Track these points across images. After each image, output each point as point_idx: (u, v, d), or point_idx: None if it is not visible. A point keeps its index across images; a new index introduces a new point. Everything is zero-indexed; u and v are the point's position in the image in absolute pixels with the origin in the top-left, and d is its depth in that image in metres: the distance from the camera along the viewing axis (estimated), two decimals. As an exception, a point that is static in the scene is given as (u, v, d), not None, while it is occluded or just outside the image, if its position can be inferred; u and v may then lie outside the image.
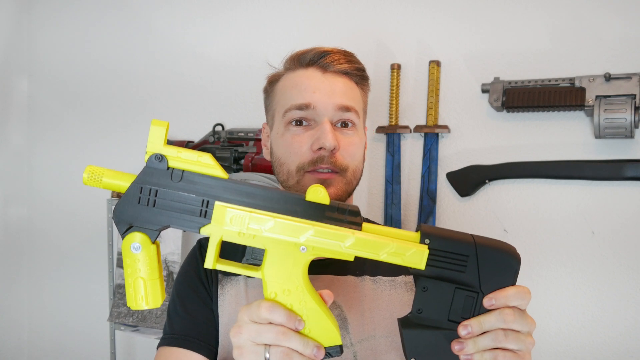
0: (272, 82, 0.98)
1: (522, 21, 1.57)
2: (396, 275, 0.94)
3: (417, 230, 0.67)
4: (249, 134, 1.83)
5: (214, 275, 0.94)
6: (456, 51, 1.64)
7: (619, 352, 1.46)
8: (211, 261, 0.65)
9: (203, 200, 0.64)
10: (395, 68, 1.67)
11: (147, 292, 0.63)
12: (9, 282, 2.32)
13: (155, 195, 0.64)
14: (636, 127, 1.39)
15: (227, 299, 0.92)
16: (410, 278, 0.94)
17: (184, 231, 1.91)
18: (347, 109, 0.90)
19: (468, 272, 0.64)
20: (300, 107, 0.89)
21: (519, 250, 0.68)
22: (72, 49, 2.26)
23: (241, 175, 1.74)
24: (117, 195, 1.95)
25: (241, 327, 0.64)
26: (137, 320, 1.93)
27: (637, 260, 1.45)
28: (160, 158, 0.64)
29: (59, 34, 2.29)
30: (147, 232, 0.63)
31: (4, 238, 2.31)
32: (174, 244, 1.89)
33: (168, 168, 0.64)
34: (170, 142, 1.91)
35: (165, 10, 2.08)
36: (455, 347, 0.64)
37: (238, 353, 0.64)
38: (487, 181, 1.57)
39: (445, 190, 1.64)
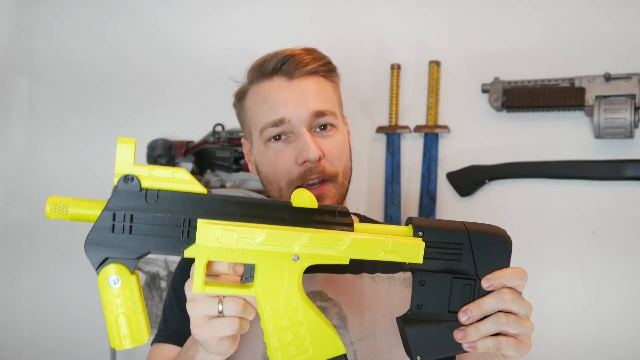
0: (240, 97, 0.97)
1: (522, 21, 1.57)
2: (395, 272, 0.94)
3: (406, 224, 0.66)
4: (249, 134, 1.83)
5: None
6: (456, 51, 1.64)
7: (619, 353, 1.46)
8: (200, 285, 0.60)
9: (184, 220, 0.59)
10: (395, 68, 1.67)
11: (132, 329, 0.58)
12: (9, 282, 2.32)
13: (131, 221, 0.58)
14: (636, 127, 1.39)
15: None
16: (409, 274, 0.94)
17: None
18: (322, 113, 0.88)
19: (463, 260, 0.64)
20: (275, 124, 0.88)
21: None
22: (72, 49, 2.26)
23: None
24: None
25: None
26: (137, 320, 1.92)
27: (637, 260, 1.45)
28: (132, 179, 0.58)
29: (59, 34, 2.29)
30: (124, 263, 0.58)
31: (4, 238, 2.30)
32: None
33: (141, 189, 0.59)
34: (170, 143, 1.91)
35: (165, 10, 2.08)
36: (458, 335, 0.63)
37: (191, 307, 0.63)
38: (487, 181, 1.57)
39: (445, 190, 1.64)
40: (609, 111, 1.39)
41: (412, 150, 1.68)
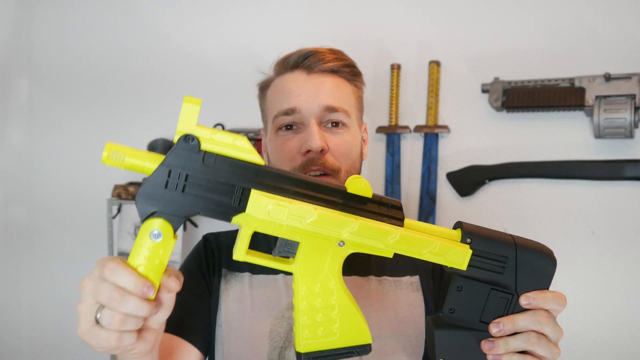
0: (263, 88, 0.99)
1: (522, 21, 1.57)
2: (402, 276, 0.94)
3: (455, 228, 0.66)
4: (249, 134, 1.83)
5: (218, 270, 0.94)
6: (456, 51, 1.64)
7: (619, 354, 1.46)
8: (242, 253, 0.60)
9: (237, 187, 0.59)
10: (395, 68, 1.67)
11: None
12: (9, 282, 2.32)
13: (185, 180, 0.58)
14: (636, 127, 1.39)
15: (231, 295, 0.92)
16: (416, 279, 0.94)
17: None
18: (333, 109, 0.89)
19: (506, 274, 0.64)
20: (287, 113, 0.89)
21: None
22: (72, 49, 2.26)
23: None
24: (118, 195, 1.95)
25: (88, 278, 0.61)
26: (137, 320, 1.92)
27: (637, 260, 1.45)
28: (192, 139, 0.59)
29: (59, 34, 2.29)
30: (171, 220, 0.58)
31: (4, 238, 2.30)
32: (174, 243, 1.89)
33: (200, 150, 0.58)
34: (170, 143, 1.91)
35: (166, 10, 2.08)
36: (486, 346, 0.62)
37: (78, 302, 0.61)
38: (487, 181, 1.57)
39: (445, 190, 1.64)
40: (609, 111, 1.39)
41: (412, 150, 1.68)
